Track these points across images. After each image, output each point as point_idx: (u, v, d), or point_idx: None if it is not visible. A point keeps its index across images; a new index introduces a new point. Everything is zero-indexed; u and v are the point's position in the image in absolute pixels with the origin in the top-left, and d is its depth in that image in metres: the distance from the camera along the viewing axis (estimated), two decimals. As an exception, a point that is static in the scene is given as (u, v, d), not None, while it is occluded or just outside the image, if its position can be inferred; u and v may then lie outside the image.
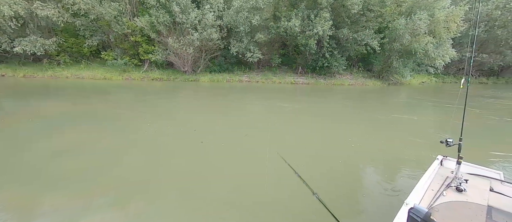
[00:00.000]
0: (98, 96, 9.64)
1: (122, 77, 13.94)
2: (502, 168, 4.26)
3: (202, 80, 14.98)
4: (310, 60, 16.79)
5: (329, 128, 6.74)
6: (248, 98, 10.89)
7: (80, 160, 4.01)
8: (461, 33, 18.01)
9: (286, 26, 13.54)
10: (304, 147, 5.07)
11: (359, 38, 14.52)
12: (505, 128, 7.22)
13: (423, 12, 13.77)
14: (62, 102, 8.07)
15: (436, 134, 6.41)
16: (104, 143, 4.78)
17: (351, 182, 3.76)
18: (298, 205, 3.05)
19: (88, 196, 3.05)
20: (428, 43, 13.97)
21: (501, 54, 21.18)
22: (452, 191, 2.28)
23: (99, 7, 12.98)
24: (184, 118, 7.04)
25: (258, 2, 13.25)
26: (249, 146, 4.95)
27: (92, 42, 14.64)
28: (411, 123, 7.51)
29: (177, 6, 12.08)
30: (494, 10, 19.31)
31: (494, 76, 24.64)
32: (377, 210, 3.03)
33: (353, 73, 18.87)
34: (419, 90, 15.97)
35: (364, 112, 8.98)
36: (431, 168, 2.67)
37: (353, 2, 12.60)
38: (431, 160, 2.92)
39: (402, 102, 11.74)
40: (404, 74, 16.28)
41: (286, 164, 3.69)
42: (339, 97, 12.29)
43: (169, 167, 3.96)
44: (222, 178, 3.68)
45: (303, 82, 16.33)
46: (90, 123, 5.99)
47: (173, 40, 12.84)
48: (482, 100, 12.54)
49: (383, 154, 4.83)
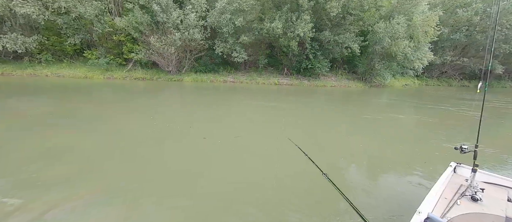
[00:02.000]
0: (64, 93, 9.50)
1: (104, 77, 13.89)
2: (492, 166, 4.36)
3: (186, 80, 15.04)
4: (295, 61, 17.08)
5: (292, 128, 6.92)
6: (223, 98, 11.01)
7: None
8: (439, 37, 18.56)
9: (268, 28, 13.76)
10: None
11: (340, 41, 14.87)
12: (491, 127, 7.56)
13: (401, 16, 14.19)
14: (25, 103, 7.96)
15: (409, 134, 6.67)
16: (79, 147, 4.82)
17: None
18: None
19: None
20: (406, 46, 14.39)
21: (481, 58, 21.90)
22: (466, 201, 2.15)
23: (80, 6, 12.94)
24: (153, 115, 7.11)
25: (241, 5, 13.44)
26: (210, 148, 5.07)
27: (75, 41, 14.56)
28: (382, 122, 7.76)
29: (158, 6, 12.15)
30: (474, 16, 19.99)
31: (476, 80, 25.41)
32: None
33: (338, 75, 19.23)
34: (398, 92, 16.38)
35: (334, 113, 9.22)
36: (444, 175, 2.52)
37: (332, 6, 12.92)
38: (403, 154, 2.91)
39: (377, 103, 12.06)
40: (385, 76, 16.69)
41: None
42: (316, 98, 12.52)
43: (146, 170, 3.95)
44: (214, 178, 3.67)
45: (287, 83, 16.56)
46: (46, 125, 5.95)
47: (155, 39, 12.89)
48: (466, 103, 13.00)
49: (363, 154, 5.01)
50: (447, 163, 2.86)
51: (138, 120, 6.43)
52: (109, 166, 3.81)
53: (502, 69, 21.80)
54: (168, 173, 3.67)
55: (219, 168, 3.91)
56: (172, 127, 5.99)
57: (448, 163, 2.82)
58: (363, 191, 3.44)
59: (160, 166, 3.86)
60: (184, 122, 6.65)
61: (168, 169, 3.79)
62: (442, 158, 4.75)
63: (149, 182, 3.38)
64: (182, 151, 4.57)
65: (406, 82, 21.37)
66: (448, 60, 21.95)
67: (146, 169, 3.71)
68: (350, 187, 3.54)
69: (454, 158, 2.94)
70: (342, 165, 4.35)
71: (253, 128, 6.38)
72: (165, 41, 13.26)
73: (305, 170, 3.81)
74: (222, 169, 3.90)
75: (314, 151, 4.75)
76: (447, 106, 11.68)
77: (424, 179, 3.83)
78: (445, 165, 2.83)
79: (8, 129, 5.23)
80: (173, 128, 5.92)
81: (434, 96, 15.34)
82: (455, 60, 22.07)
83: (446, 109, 10.82)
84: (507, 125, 8.66)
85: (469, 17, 19.99)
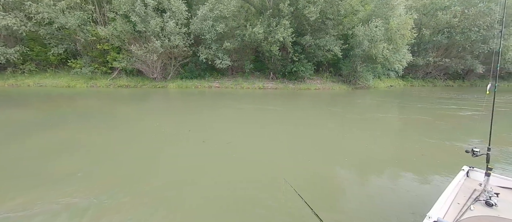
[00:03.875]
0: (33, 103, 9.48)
1: (87, 85, 13.95)
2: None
3: (170, 86, 15.17)
4: (279, 66, 17.38)
5: (259, 130, 7.05)
6: (206, 103, 11.14)
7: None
8: (421, 39, 19.11)
9: (250, 33, 14.07)
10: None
11: (321, 44, 15.24)
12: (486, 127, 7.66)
13: (378, 20, 14.66)
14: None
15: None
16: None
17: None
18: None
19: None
20: (384, 49, 14.81)
21: (462, 58, 22.53)
22: (480, 206, 2.06)
23: (62, 16, 13.11)
24: (131, 123, 7.18)
25: (222, 11, 13.76)
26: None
27: (59, 50, 14.66)
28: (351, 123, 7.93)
29: (137, 16, 12.39)
30: (453, 19, 20.70)
31: (460, 80, 26.05)
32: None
33: (323, 78, 19.57)
34: (382, 93, 16.72)
35: (305, 116, 9.39)
36: (456, 180, 2.42)
37: (311, 11, 13.32)
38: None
39: (355, 103, 12.30)
40: (367, 78, 17.06)
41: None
42: (297, 101, 12.72)
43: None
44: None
45: (272, 87, 16.79)
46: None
47: (136, 48, 13.06)
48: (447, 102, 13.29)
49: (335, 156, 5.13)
50: (437, 157, 2.76)
51: (104, 128, 6.49)
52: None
53: (483, 68, 22.40)
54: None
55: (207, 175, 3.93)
56: (146, 133, 6.07)
57: (437, 157, 2.73)
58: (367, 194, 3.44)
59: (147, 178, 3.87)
60: (152, 128, 6.73)
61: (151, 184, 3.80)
62: (432, 155, 4.85)
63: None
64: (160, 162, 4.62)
65: (391, 83, 21.79)
66: (431, 61, 22.53)
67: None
68: (352, 186, 3.60)
69: (445, 156, 2.86)
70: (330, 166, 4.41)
71: (225, 131, 6.49)
72: (147, 49, 13.44)
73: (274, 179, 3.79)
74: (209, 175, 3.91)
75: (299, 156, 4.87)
76: (432, 105, 11.86)
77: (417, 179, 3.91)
78: (434, 159, 2.75)
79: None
80: (147, 133, 6.00)
81: (416, 96, 15.70)
82: (438, 61, 22.65)
83: (429, 108, 11.03)
84: (500, 123, 8.56)
85: (448, 19, 20.69)
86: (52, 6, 12.85)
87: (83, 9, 14.26)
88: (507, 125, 7.84)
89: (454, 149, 5.36)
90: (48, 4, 12.72)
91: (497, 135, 6.57)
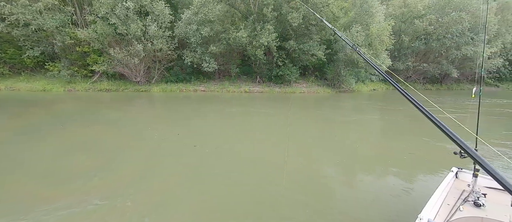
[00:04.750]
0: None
1: (64, 89, 13.39)
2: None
3: (154, 90, 14.87)
4: (265, 69, 17.56)
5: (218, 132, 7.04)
6: (188, 107, 11.00)
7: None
8: (400, 45, 20.03)
9: (234, 37, 14.18)
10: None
11: (305, 49, 15.59)
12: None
13: (358, 26, 15.29)
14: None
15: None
16: None
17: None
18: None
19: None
20: (364, 53, 15.39)
21: (439, 63, 23.82)
22: (469, 206, 2.12)
23: (40, 17, 12.63)
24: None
25: (207, 15, 13.80)
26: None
27: (34, 53, 14.03)
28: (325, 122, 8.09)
29: (116, 19, 12.17)
30: (429, 26, 21.95)
31: (438, 84, 27.45)
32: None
33: (309, 82, 19.96)
34: (364, 97, 17.27)
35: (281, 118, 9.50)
36: (446, 181, 2.50)
37: (294, 17, 13.67)
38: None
39: (342, 106, 12.61)
40: (350, 82, 17.59)
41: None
42: (278, 104, 12.86)
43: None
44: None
45: (257, 91, 16.88)
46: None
47: (116, 51, 12.75)
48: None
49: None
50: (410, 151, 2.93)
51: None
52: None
53: (458, 73, 23.76)
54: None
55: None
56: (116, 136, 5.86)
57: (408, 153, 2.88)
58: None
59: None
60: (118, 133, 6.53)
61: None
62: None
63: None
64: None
65: (374, 87, 22.58)
66: (411, 66, 23.64)
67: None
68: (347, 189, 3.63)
69: (432, 154, 2.99)
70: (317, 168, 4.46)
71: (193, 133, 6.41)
72: (128, 52, 13.16)
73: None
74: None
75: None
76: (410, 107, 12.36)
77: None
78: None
79: None
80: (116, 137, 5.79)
81: (397, 99, 16.33)
82: (417, 65, 23.81)
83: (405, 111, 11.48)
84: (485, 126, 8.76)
85: (424, 27, 21.92)
86: (28, 6, 12.35)
87: (62, 11, 13.82)
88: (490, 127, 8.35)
89: (438, 148, 5.60)
90: (24, 4, 12.22)
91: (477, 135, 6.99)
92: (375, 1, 16.03)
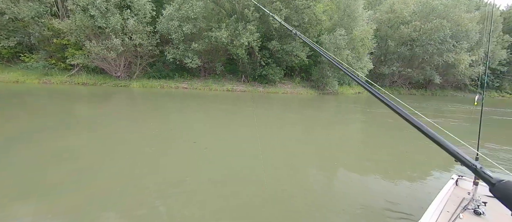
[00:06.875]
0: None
1: (39, 81, 13.07)
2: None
3: (133, 86, 14.67)
4: (249, 69, 17.57)
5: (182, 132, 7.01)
6: (163, 104, 10.90)
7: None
8: (383, 49, 20.40)
9: (215, 36, 14.15)
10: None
11: (288, 50, 15.70)
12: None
13: (342, 29, 15.52)
14: None
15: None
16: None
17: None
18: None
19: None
20: (348, 56, 15.61)
21: (422, 69, 24.37)
22: (469, 214, 2.10)
23: (14, 7, 12.31)
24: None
25: (187, 12, 13.73)
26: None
27: (9, 43, 13.66)
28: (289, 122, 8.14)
29: (96, 10, 11.98)
30: (413, 32, 22.44)
31: (422, 89, 28.05)
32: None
33: (294, 83, 20.08)
34: (348, 100, 17.48)
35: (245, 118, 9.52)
36: (446, 188, 2.48)
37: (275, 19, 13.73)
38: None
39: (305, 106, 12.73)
40: (333, 84, 17.79)
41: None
42: (262, 104, 12.89)
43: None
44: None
45: (240, 90, 16.86)
46: None
47: (92, 44, 12.53)
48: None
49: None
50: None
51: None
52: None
53: (440, 79, 24.35)
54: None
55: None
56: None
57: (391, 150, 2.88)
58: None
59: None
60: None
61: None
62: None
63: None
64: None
65: (359, 90, 22.88)
66: (396, 70, 24.10)
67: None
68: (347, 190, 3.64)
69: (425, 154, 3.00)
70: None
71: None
72: (105, 45, 12.95)
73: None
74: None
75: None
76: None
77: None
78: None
79: None
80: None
81: (380, 103, 16.58)
82: (401, 70, 24.29)
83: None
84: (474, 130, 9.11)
85: (409, 33, 22.41)
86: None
87: (41, 1, 13.51)
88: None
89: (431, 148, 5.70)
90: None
91: (469, 140, 7.20)
92: (358, 5, 16.32)
